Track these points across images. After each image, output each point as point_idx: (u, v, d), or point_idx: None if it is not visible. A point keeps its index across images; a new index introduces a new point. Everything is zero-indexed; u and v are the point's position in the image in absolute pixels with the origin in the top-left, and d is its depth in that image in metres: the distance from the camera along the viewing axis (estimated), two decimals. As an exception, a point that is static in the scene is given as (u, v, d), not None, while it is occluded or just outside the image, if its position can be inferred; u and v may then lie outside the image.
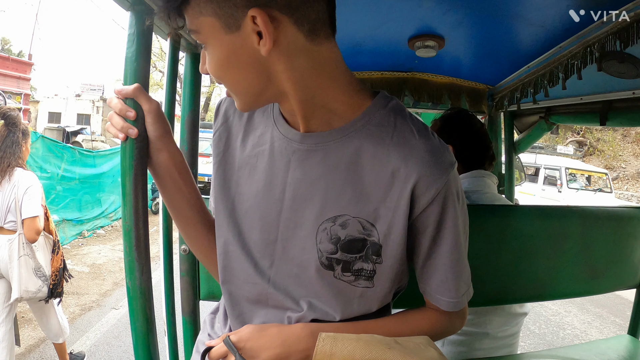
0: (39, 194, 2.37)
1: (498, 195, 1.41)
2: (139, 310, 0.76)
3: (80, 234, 6.59)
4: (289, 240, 0.71)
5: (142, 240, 0.75)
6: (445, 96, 1.79)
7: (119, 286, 4.57)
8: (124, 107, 0.71)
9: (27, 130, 2.49)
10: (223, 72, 0.63)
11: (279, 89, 0.64)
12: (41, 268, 2.37)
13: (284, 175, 0.70)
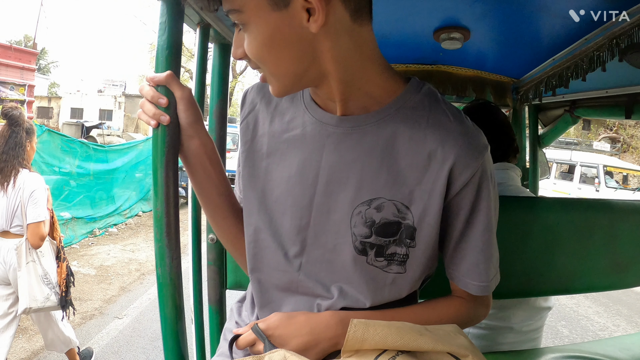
0: (44, 198, 2.27)
1: (522, 188, 1.41)
2: (169, 297, 0.76)
3: (91, 233, 6.39)
4: (321, 225, 0.71)
5: (172, 226, 0.75)
6: (469, 89, 1.77)
7: (126, 291, 4.30)
8: (155, 94, 0.71)
9: (32, 128, 2.38)
10: (266, 53, 0.62)
11: (321, 69, 0.64)
12: (48, 275, 2.27)
13: (317, 159, 0.70)
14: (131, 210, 8.33)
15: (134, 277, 4.81)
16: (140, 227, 7.59)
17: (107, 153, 6.96)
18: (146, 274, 4.99)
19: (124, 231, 7.12)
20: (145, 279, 4.82)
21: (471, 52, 1.49)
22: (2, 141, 2.25)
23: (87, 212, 6.47)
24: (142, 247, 6.09)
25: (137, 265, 5.24)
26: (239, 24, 0.63)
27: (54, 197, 5.88)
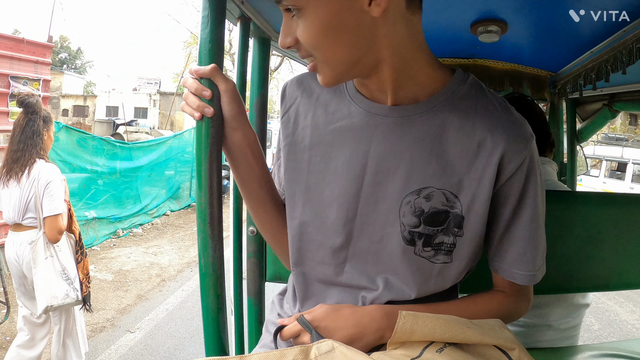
0: (61, 189, 2.18)
1: (559, 182, 1.41)
2: (211, 287, 0.77)
3: (114, 233, 6.16)
4: (368, 216, 0.71)
5: (215, 217, 0.75)
6: (506, 83, 1.77)
7: (142, 300, 3.99)
8: (199, 86, 0.73)
9: (49, 117, 2.29)
10: (323, 38, 0.62)
11: (375, 56, 0.65)
12: (66, 270, 2.18)
13: (365, 150, 0.71)
14: (158, 210, 8.13)
15: (153, 284, 4.52)
16: (166, 228, 7.36)
17: (130, 150, 6.74)
18: (167, 280, 4.69)
19: (149, 231, 6.90)
20: (165, 286, 4.51)
21: (508, 45, 1.47)
22: (18, 130, 2.15)
23: (111, 211, 6.27)
24: (165, 250, 5.82)
25: (158, 270, 4.96)
26: (293, 10, 0.62)
27: (76, 195, 5.76)
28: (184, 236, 6.81)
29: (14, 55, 4.10)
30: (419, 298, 0.72)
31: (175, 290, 4.39)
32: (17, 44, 4.16)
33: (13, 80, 4.11)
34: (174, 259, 5.48)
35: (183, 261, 5.41)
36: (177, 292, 4.32)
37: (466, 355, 0.63)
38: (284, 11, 0.64)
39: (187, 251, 5.90)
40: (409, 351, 0.63)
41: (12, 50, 4.10)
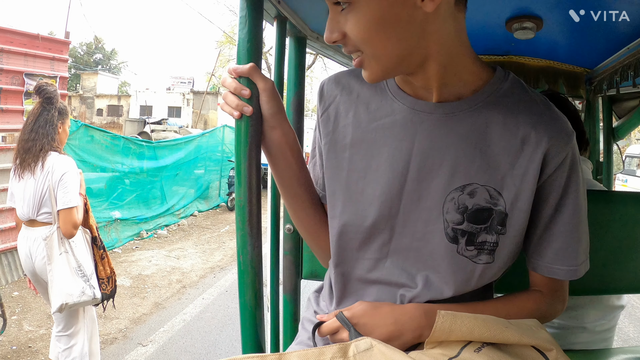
0: (76, 182, 2.11)
1: (594, 181, 1.41)
2: (249, 284, 0.78)
3: (137, 235, 6.03)
4: (411, 212, 0.72)
5: (254, 215, 0.77)
6: (542, 80, 1.74)
7: (159, 309, 3.78)
8: (238, 85, 0.75)
9: (65, 109, 2.21)
10: (374, 33, 0.62)
11: (423, 53, 0.65)
12: (81, 266, 2.11)
13: (408, 146, 0.71)
14: (185, 210, 8.03)
15: (172, 291, 4.32)
16: (193, 229, 7.23)
17: (155, 149, 6.62)
18: (187, 286, 4.49)
19: (174, 233, 6.78)
20: (185, 293, 4.31)
21: (543, 41, 1.46)
22: (32, 119, 2.08)
23: (135, 212, 6.18)
24: (189, 254, 5.65)
25: (180, 276, 4.77)
26: (342, 4, 0.62)
27: (99, 195, 5.69)
28: (210, 238, 6.64)
29: (28, 51, 4.00)
30: (455, 297, 0.72)
31: (194, 298, 4.17)
32: (32, 41, 4.05)
33: (28, 78, 4.01)
34: (197, 263, 5.29)
35: (206, 266, 5.21)
36: (197, 301, 4.10)
37: (504, 356, 0.63)
38: (331, 5, 0.64)
39: (211, 255, 5.71)
40: (447, 350, 0.64)
41: (27, 46, 4.00)
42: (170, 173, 7.26)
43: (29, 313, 3.57)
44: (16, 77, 3.92)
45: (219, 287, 4.51)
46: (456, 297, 0.72)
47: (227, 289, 4.47)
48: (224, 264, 5.34)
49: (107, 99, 24.24)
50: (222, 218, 8.40)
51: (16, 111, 3.92)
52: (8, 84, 3.86)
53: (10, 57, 3.86)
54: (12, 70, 3.88)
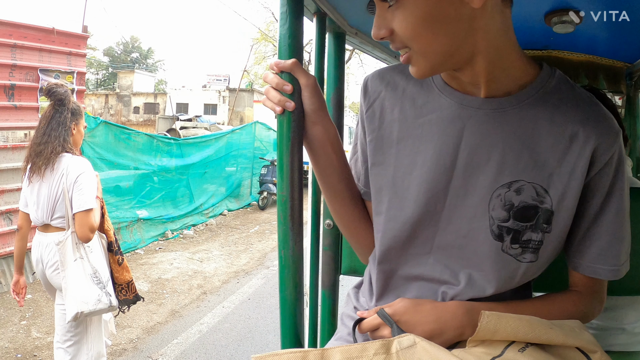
0: (92, 184, 2.05)
1: (634, 179, 1.39)
2: (290, 279, 0.79)
3: (162, 235, 5.91)
4: (456, 209, 0.72)
5: (296, 210, 0.78)
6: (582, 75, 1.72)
7: (176, 317, 3.59)
8: (280, 81, 0.75)
9: (79, 109, 2.16)
10: (422, 29, 0.63)
11: (471, 49, 0.66)
12: (97, 273, 2.04)
13: (456, 142, 0.71)
14: (214, 209, 7.91)
15: (191, 297, 4.13)
16: (221, 229, 7.08)
17: (181, 147, 6.49)
18: (208, 292, 4.28)
19: (201, 233, 6.65)
20: (205, 300, 4.10)
21: (583, 35, 1.43)
22: (44, 122, 2.04)
23: (160, 211, 6.08)
24: (214, 256, 5.47)
25: (201, 280, 4.58)
26: (390, 0, 0.63)
27: (124, 194, 5.62)
28: (238, 239, 6.46)
29: (43, 47, 3.90)
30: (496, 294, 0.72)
31: (214, 306, 3.95)
32: (47, 35, 3.95)
33: (43, 74, 3.92)
34: (220, 267, 5.10)
35: (230, 270, 5.01)
36: (216, 309, 3.88)
37: (548, 356, 0.63)
38: (378, 2, 0.65)
39: (237, 258, 5.51)
40: (490, 349, 0.64)
41: (42, 41, 3.91)
42: (198, 171, 7.13)
43: (39, 318, 3.47)
44: (30, 73, 3.83)
45: (242, 294, 4.27)
46: (497, 295, 0.72)
47: (250, 297, 4.23)
48: (249, 268, 5.11)
49: (144, 97, 24.91)
50: (252, 218, 8.23)
51: (31, 108, 3.84)
52: (22, 80, 3.78)
53: (24, 53, 3.77)
54: (26, 66, 3.79)
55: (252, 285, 4.57)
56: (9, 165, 3.73)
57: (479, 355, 0.63)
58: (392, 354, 0.61)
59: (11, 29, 3.67)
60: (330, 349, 0.61)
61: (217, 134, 7.88)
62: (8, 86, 3.68)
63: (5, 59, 3.64)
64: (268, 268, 5.15)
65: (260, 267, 5.18)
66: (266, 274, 4.94)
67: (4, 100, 3.66)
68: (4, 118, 3.66)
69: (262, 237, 6.75)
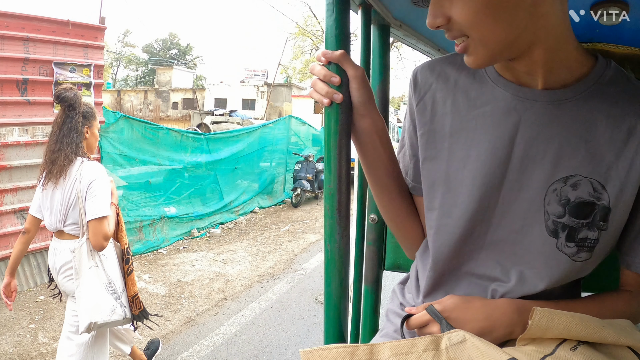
0: (106, 190, 2.01)
1: None
2: (335, 274, 0.79)
3: (188, 234, 5.77)
4: (511, 203, 0.71)
5: (343, 204, 0.77)
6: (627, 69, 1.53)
7: (190, 326, 3.38)
8: (328, 73, 0.75)
9: (91, 112, 2.11)
10: (482, 16, 0.62)
11: (530, 37, 0.64)
12: (112, 282, 2.01)
13: (511, 135, 0.71)
14: (245, 207, 7.74)
15: (210, 303, 3.91)
16: (250, 227, 6.88)
17: (208, 142, 6.31)
18: (229, 298, 4.05)
19: (229, 232, 6.47)
20: (224, 306, 3.87)
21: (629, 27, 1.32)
22: (56, 128, 2.01)
23: (186, 209, 5.94)
24: (239, 257, 5.25)
25: (223, 284, 4.36)
26: None
27: (145, 190, 5.49)
28: (267, 239, 6.23)
29: (57, 39, 3.78)
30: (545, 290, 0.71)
31: (233, 314, 3.71)
32: (62, 28, 3.83)
33: (57, 67, 3.80)
34: (245, 269, 4.87)
35: (255, 273, 4.76)
36: (235, 318, 3.63)
37: (600, 355, 0.63)
38: None
39: (263, 259, 5.26)
40: (541, 347, 0.63)
41: (56, 34, 3.79)
42: (227, 167, 6.95)
43: (48, 322, 3.35)
44: (44, 67, 3.72)
45: (264, 302, 4.01)
46: (546, 292, 0.71)
47: (272, 304, 3.95)
48: (275, 272, 4.85)
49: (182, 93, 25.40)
50: (284, 215, 8.00)
51: (45, 103, 3.73)
52: (36, 75, 3.67)
53: (37, 46, 3.66)
54: (40, 59, 3.68)
55: (277, 291, 4.30)
56: (23, 162, 3.64)
57: (530, 353, 0.62)
58: (442, 350, 0.61)
59: (23, 22, 3.57)
60: (379, 344, 0.61)
61: (247, 129, 7.67)
62: (21, 80, 3.58)
63: (17, 53, 3.54)
64: (296, 272, 4.87)
65: (287, 271, 4.91)
66: (292, 278, 4.66)
67: (16, 95, 3.56)
68: (16, 113, 3.57)
69: (293, 236, 6.49)
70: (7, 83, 3.51)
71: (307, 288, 4.40)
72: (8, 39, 3.49)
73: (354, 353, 0.60)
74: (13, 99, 3.54)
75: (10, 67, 3.51)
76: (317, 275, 4.80)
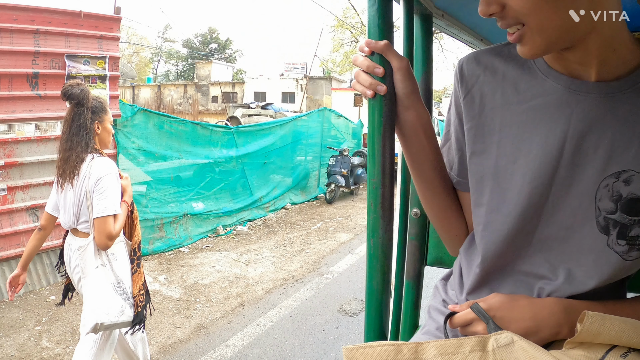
0: (115, 186, 1.96)
1: None
2: (378, 269, 0.78)
3: (213, 231, 5.59)
4: (561, 199, 0.70)
5: (387, 198, 0.77)
6: None
7: (201, 334, 3.18)
8: (371, 64, 0.74)
9: (101, 106, 2.06)
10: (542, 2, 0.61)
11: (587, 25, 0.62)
12: (121, 282, 1.96)
13: (563, 129, 0.69)
14: (276, 203, 7.51)
15: (226, 309, 3.68)
16: (280, 225, 6.64)
17: (234, 136, 6.10)
18: (246, 304, 3.80)
19: (257, 230, 6.25)
20: (240, 313, 3.62)
21: None
22: (66, 126, 1.98)
23: (212, 205, 5.78)
24: (263, 258, 5.01)
25: (242, 288, 4.12)
26: None
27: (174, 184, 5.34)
28: (296, 238, 5.96)
29: (69, 31, 3.64)
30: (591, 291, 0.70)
31: (248, 323, 3.45)
32: (74, 19, 3.69)
33: (70, 60, 3.66)
34: (268, 271, 4.61)
35: (278, 276, 4.50)
36: (249, 328, 3.37)
37: None
38: None
39: (289, 261, 4.99)
40: (590, 353, 0.62)
41: (68, 25, 3.65)
42: (256, 161, 6.73)
43: (54, 324, 3.22)
44: (56, 60, 3.60)
45: (284, 309, 3.73)
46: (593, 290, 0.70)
47: (292, 313, 3.67)
48: (299, 275, 4.57)
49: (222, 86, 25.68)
50: (316, 212, 7.70)
51: (57, 97, 3.60)
52: (47, 68, 3.55)
53: (48, 39, 3.53)
54: (51, 52, 3.56)
55: (299, 297, 4.01)
56: (34, 158, 3.55)
57: (578, 358, 0.61)
58: (489, 351, 0.60)
59: (33, 15, 3.45)
60: (424, 343, 0.60)
61: (278, 121, 7.40)
62: (31, 75, 3.47)
63: (27, 46, 3.42)
64: (322, 276, 4.56)
65: (313, 275, 4.61)
66: (317, 283, 4.36)
67: (27, 89, 3.45)
68: (27, 108, 3.47)
69: (324, 235, 6.19)
70: (17, 77, 3.41)
71: (332, 295, 4.08)
72: (17, 32, 3.38)
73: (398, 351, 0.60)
74: (23, 93, 3.44)
75: (20, 61, 3.41)
76: (344, 280, 4.47)
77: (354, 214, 7.70)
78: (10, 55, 3.36)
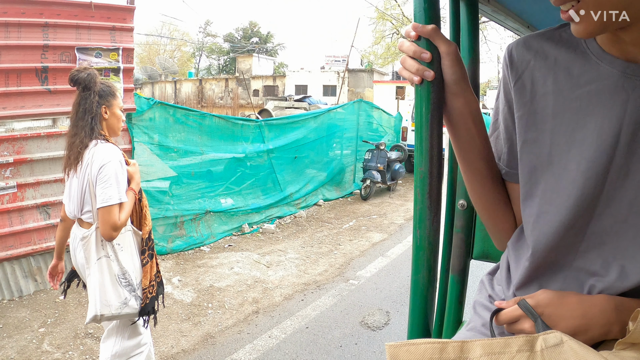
0: (120, 174, 1.84)
1: None
2: (424, 262, 0.76)
3: (238, 229, 5.39)
4: (616, 191, 0.68)
5: (434, 188, 0.75)
6: None
7: (207, 344, 2.98)
8: (418, 49, 0.72)
9: (109, 90, 1.94)
10: None
11: None
12: (126, 274, 1.88)
13: (619, 116, 0.67)
14: (307, 199, 7.24)
15: (239, 317, 3.44)
16: (310, 223, 6.36)
17: (260, 129, 5.86)
18: (261, 311, 3.55)
19: (284, 228, 6.01)
20: (253, 322, 3.37)
21: None
22: (73, 112, 1.91)
23: (239, 202, 5.59)
24: (287, 259, 4.75)
25: (259, 293, 3.87)
26: None
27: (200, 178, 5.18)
28: (326, 237, 5.66)
29: (80, 23, 3.51)
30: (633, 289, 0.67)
31: (260, 334, 3.20)
32: (85, 10, 3.56)
33: (80, 53, 3.53)
34: (290, 274, 4.35)
35: (300, 280, 4.22)
36: (259, 340, 3.11)
37: None
38: None
39: (314, 264, 4.70)
40: None
41: (78, 17, 3.52)
42: (286, 155, 6.47)
43: (59, 327, 3.11)
44: (66, 53, 3.48)
45: (300, 319, 3.44)
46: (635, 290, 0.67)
47: (308, 324, 3.37)
48: (323, 280, 4.26)
49: (263, 80, 25.71)
50: (349, 210, 7.36)
51: (68, 91, 3.49)
52: (57, 62, 3.44)
53: (57, 32, 3.41)
54: (61, 45, 3.44)
55: (318, 305, 3.71)
56: (44, 154, 3.45)
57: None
58: (537, 352, 0.58)
59: (41, 8, 3.34)
60: (470, 342, 0.59)
61: (309, 114, 7.09)
62: (40, 69, 3.36)
63: (35, 40, 3.31)
64: (347, 281, 4.24)
65: (338, 280, 4.29)
66: (341, 290, 4.04)
67: (36, 84, 3.35)
68: (37, 103, 3.37)
69: (355, 235, 5.85)
70: (26, 72, 3.32)
71: (356, 304, 3.75)
72: (25, 26, 3.28)
73: (443, 350, 0.59)
74: (32, 88, 3.34)
75: (29, 56, 3.31)
76: (371, 287, 4.12)
77: (389, 211, 7.30)
78: (19, 49, 3.26)
